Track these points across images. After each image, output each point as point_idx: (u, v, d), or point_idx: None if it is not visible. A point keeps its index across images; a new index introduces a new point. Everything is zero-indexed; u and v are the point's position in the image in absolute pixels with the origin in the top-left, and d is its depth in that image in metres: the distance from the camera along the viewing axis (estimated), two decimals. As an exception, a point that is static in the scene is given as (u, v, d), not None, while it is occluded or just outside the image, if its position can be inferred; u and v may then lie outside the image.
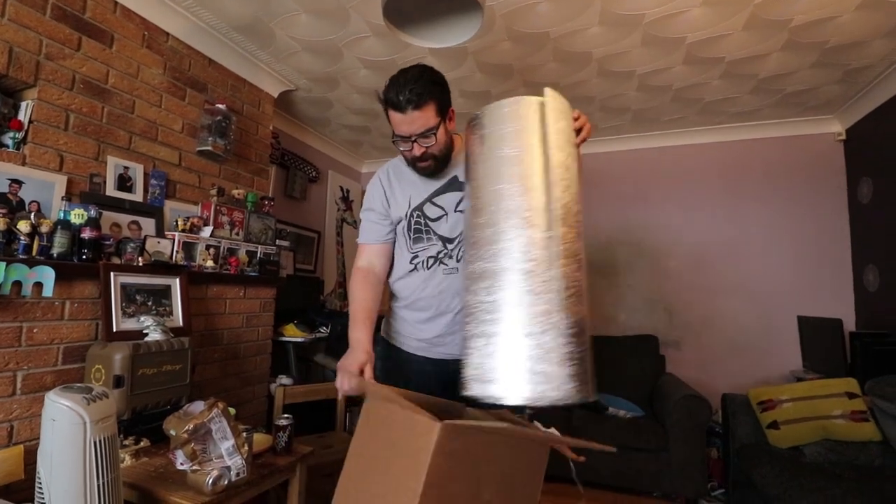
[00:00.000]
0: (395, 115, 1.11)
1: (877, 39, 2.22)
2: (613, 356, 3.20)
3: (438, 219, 1.26)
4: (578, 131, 1.02)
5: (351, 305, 1.28)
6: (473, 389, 0.84)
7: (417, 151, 1.16)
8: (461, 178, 1.23)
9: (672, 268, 3.42)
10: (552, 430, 0.93)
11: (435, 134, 1.14)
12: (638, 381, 3.09)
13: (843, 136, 3.06)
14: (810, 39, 2.23)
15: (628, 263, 3.54)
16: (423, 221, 1.27)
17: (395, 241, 1.35)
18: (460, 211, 1.23)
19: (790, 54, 2.38)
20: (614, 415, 2.81)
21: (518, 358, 0.81)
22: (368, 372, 1.13)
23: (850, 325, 2.87)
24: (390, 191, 1.31)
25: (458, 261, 1.26)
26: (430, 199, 1.26)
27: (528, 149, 0.90)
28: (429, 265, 1.28)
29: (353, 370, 1.12)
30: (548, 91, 0.95)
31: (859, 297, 2.92)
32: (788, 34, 2.19)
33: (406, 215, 1.28)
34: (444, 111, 1.16)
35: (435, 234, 1.27)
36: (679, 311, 3.36)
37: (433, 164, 1.20)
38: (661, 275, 3.44)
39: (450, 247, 1.26)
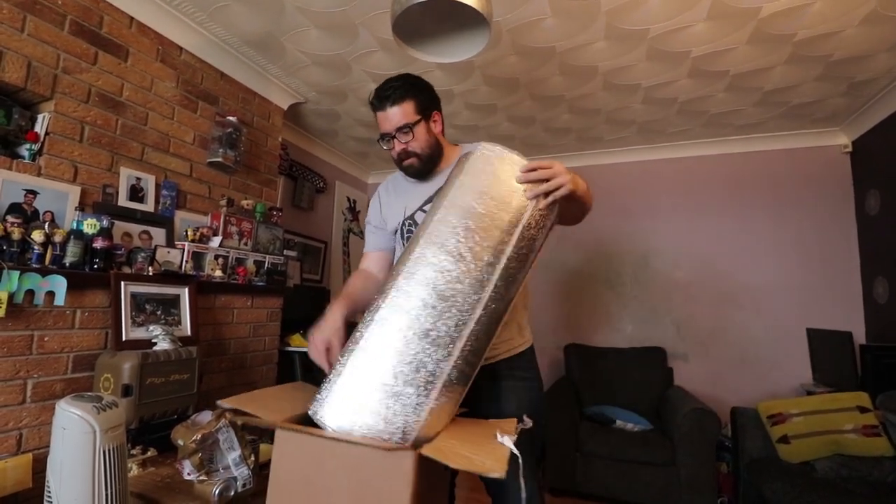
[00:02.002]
0: (378, 115, 1.21)
1: (881, 53, 2.23)
2: (620, 368, 3.18)
3: None
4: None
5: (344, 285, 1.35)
6: (314, 409, 0.85)
7: (398, 147, 1.22)
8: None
9: (679, 279, 3.41)
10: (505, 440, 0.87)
11: (412, 129, 1.20)
12: (645, 393, 3.07)
13: (850, 148, 3.06)
14: (814, 53, 2.25)
15: (635, 275, 3.53)
16: (413, 230, 1.29)
17: (394, 250, 1.39)
18: None
19: (794, 68, 2.39)
20: (621, 428, 2.78)
21: (358, 391, 0.82)
22: (336, 347, 1.10)
23: (860, 337, 2.84)
24: (387, 201, 1.38)
25: None
26: (420, 208, 1.29)
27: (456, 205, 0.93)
28: None
29: (319, 348, 1.10)
30: (483, 146, 0.97)
31: (869, 309, 2.89)
32: (792, 48, 2.21)
33: (399, 224, 1.33)
34: (426, 112, 1.23)
35: None
36: (687, 323, 3.34)
37: (417, 163, 1.24)
38: (669, 286, 3.42)
39: None
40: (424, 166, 1.25)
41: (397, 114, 1.19)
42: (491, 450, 0.79)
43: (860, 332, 2.88)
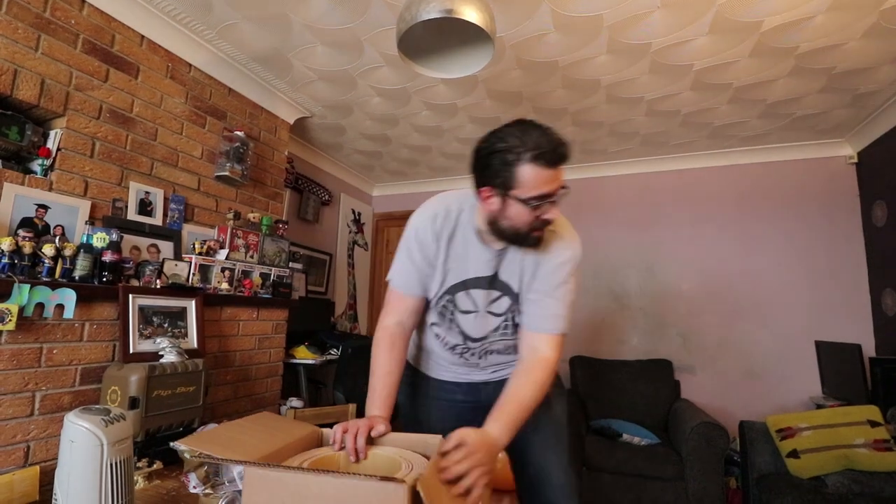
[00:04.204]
0: (544, 172, 0.93)
1: (884, 65, 2.24)
2: (626, 381, 3.16)
3: (467, 313, 1.13)
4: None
5: (373, 372, 1.11)
6: None
7: (553, 214, 0.98)
8: (503, 277, 1.10)
9: (685, 291, 3.39)
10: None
11: None
12: (652, 407, 3.04)
13: (855, 160, 3.05)
14: (817, 65, 2.26)
15: (640, 287, 3.52)
16: (450, 308, 1.14)
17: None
18: (491, 313, 1.13)
19: (798, 80, 2.40)
20: (628, 442, 2.75)
21: None
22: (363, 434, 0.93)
23: (869, 350, 2.81)
24: (438, 246, 1.10)
25: (479, 357, 1.18)
26: (465, 289, 1.11)
27: None
28: (449, 346, 1.20)
29: (347, 429, 0.92)
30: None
31: (878, 321, 2.86)
32: (795, 60, 2.22)
33: (436, 295, 1.13)
34: None
35: (458, 327, 1.15)
36: (693, 336, 3.32)
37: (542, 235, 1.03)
38: (675, 298, 3.41)
39: (472, 345, 1.17)
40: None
41: (561, 174, 0.98)
42: None
43: (869, 344, 2.85)
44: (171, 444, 0.85)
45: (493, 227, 1.03)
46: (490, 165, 0.96)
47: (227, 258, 2.26)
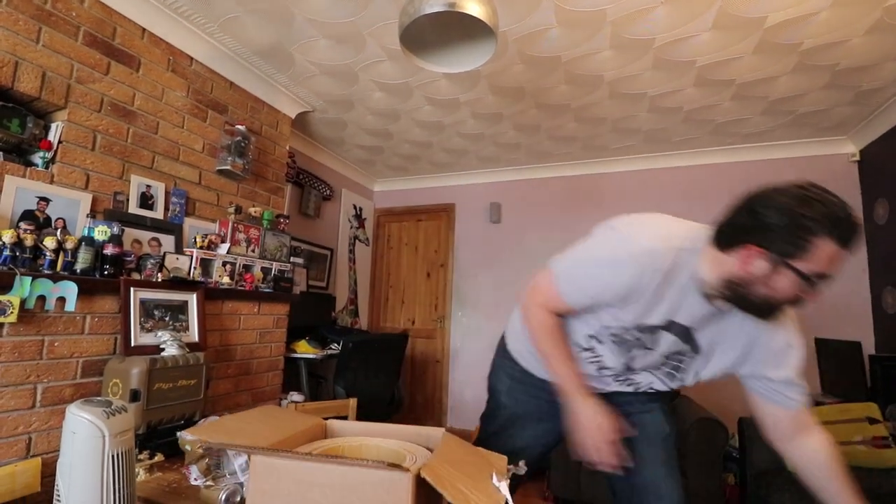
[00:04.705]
0: (840, 252, 0.83)
1: (888, 62, 2.23)
2: (626, 377, 3.16)
3: (646, 350, 1.06)
4: None
5: (562, 358, 1.10)
6: None
7: (818, 298, 0.88)
8: (705, 336, 1.02)
9: (685, 288, 3.39)
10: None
11: None
12: (651, 402, 3.04)
13: (857, 157, 3.05)
14: (820, 62, 2.25)
15: (640, 283, 3.51)
16: (631, 340, 1.05)
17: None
18: (667, 357, 1.08)
19: (801, 76, 2.39)
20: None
21: None
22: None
23: (869, 347, 2.81)
24: (655, 281, 0.95)
25: (619, 382, 1.15)
26: (661, 329, 1.01)
27: None
28: (598, 365, 1.13)
29: (613, 437, 1.04)
30: None
31: (878, 319, 2.86)
32: (798, 57, 2.21)
33: (623, 325, 1.02)
34: None
35: (628, 358, 1.10)
36: (693, 332, 3.32)
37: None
38: (674, 295, 3.40)
39: (629, 375, 1.14)
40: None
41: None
42: (486, 490, 0.74)
43: (869, 342, 2.85)
44: (179, 433, 0.87)
45: (732, 289, 0.89)
46: (773, 226, 0.85)
47: (228, 252, 2.26)
